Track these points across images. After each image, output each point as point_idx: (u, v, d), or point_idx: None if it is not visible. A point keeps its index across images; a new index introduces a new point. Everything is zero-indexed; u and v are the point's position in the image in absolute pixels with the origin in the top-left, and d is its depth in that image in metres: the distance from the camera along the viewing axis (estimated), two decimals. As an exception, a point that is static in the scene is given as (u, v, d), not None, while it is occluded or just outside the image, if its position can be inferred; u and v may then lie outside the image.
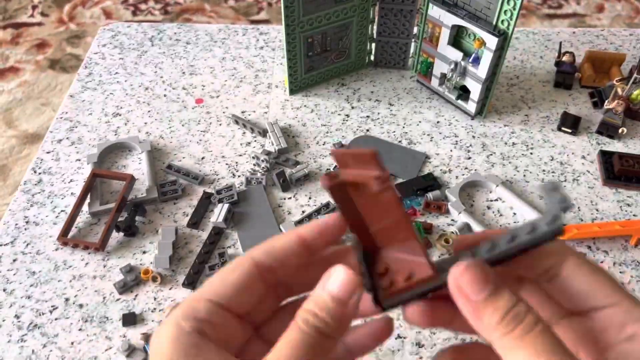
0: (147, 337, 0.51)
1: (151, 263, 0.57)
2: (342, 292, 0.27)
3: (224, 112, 0.75)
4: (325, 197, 0.63)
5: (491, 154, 0.70)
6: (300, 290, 0.34)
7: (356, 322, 0.30)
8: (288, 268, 0.31)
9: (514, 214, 0.63)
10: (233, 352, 0.30)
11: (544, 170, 0.68)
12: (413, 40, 0.79)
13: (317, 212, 0.62)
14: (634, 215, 0.63)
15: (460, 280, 0.27)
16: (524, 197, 0.64)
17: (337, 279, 0.28)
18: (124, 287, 0.55)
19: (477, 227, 0.61)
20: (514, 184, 0.66)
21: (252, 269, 0.30)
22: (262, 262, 0.30)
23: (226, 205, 0.61)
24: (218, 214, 0.60)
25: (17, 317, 0.53)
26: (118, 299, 0.55)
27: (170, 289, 0.56)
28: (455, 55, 0.71)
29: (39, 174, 0.67)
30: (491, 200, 0.65)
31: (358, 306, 0.28)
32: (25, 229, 0.61)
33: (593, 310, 0.28)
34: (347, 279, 0.27)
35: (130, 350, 0.50)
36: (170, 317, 0.29)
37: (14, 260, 0.58)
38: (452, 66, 0.71)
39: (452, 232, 0.60)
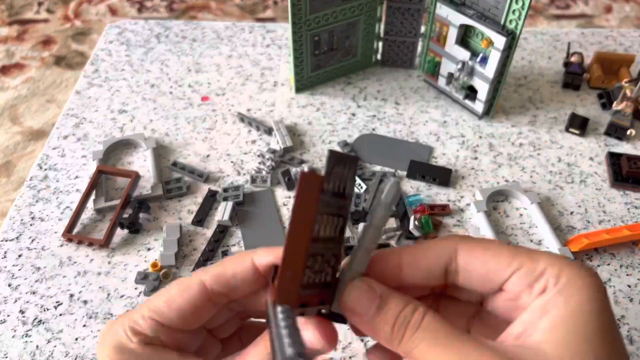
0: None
1: (155, 260, 0.57)
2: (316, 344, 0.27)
3: (229, 110, 0.75)
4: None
5: (498, 155, 0.69)
6: (256, 315, 0.34)
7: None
8: (240, 293, 0.30)
9: (533, 233, 0.62)
10: (190, 354, 0.30)
11: (551, 172, 0.68)
12: (420, 39, 0.78)
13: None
14: (642, 217, 0.63)
15: (349, 302, 0.27)
16: (554, 221, 0.62)
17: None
18: (154, 291, 0.55)
19: (487, 233, 0.60)
20: (550, 206, 0.63)
21: (200, 294, 0.29)
22: (212, 288, 0.30)
23: (230, 203, 0.61)
24: (223, 211, 0.60)
25: (21, 312, 0.53)
26: (122, 296, 0.54)
27: (174, 287, 0.55)
28: (463, 54, 0.70)
29: (45, 170, 0.67)
30: (517, 209, 0.64)
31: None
32: (31, 225, 0.61)
33: (502, 285, 0.28)
34: (318, 336, 0.27)
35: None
36: (111, 331, 0.29)
37: (19, 256, 0.58)
38: (460, 66, 0.71)
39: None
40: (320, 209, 0.26)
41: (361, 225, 0.60)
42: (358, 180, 0.65)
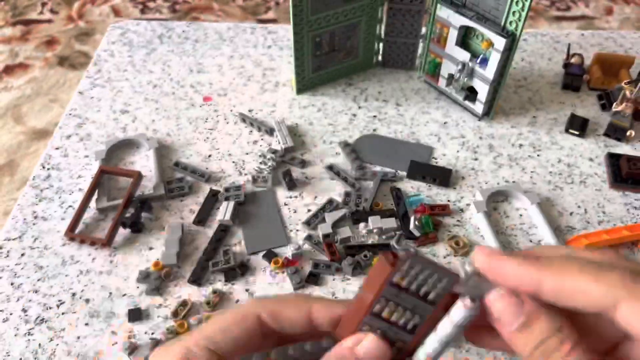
0: (154, 344, 0.51)
1: (157, 259, 0.58)
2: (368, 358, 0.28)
3: (231, 110, 0.76)
4: (327, 195, 0.64)
5: (498, 155, 0.70)
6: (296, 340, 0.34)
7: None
8: (291, 332, 0.30)
9: (533, 234, 0.62)
10: None
11: (550, 172, 0.68)
12: (421, 40, 0.79)
13: (322, 209, 0.62)
14: (641, 218, 0.63)
15: (495, 308, 0.26)
16: (554, 221, 0.62)
17: (368, 345, 0.28)
18: (156, 290, 0.55)
19: (487, 233, 0.61)
20: (550, 207, 0.64)
21: (256, 327, 0.30)
22: (268, 325, 0.30)
23: (232, 203, 0.61)
24: (225, 211, 0.60)
25: (24, 310, 0.54)
26: (124, 295, 0.55)
27: (175, 286, 0.56)
28: (463, 56, 0.71)
29: (48, 169, 0.67)
30: (517, 210, 0.65)
31: None
32: (34, 224, 0.61)
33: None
34: (377, 349, 0.28)
35: (132, 348, 0.50)
36: (165, 354, 0.29)
37: (22, 255, 0.58)
38: (460, 67, 0.71)
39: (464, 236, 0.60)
40: (387, 294, 0.28)
41: (362, 225, 0.60)
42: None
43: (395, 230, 0.60)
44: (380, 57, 0.83)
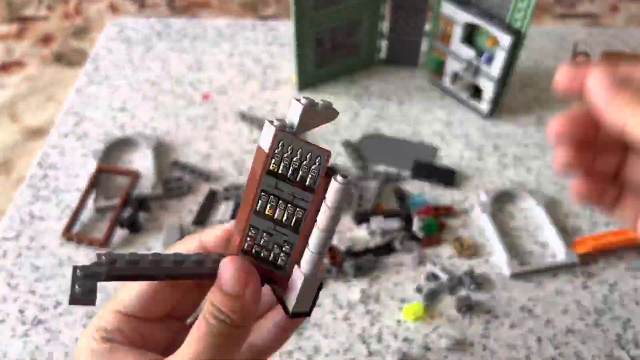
0: None
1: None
2: (234, 288, 0.28)
3: (231, 109, 0.75)
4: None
5: (503, 155, 0.69)
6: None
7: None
8: None
9: (539, 235, 0.61)
10: (159, 351, 0.30)
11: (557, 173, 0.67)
12: (425, 37, 0.78)
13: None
14: (648, 219, 0.62)
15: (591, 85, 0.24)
16: (560, 223, 0.61)
17: (228, 275, 0.28)
18: None
19: (492, 234, 0.60)
20: (556, 208, 0.63)
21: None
22: None
23: (232, 203, 0.60)
24: (224, 211, 0.59)
25: (21, 312, 0.53)
26: (122, 297, 0.54)
27: (175, 287, 0.55)
28: (468, 53, 0.70)
29: (45, 168, 0.66)
30: (523, 211, 0.64)
31: (257, 297, 0.28)
32: (30, 224, 0.60)
33: None
34: (237, 274, 0.28)
35: None
36: (85, 330, 0.30)
37: (19, 255, 0.57)
38: (465, 65, 0.70)
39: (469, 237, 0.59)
40: (264, 186, 0.28)
41: (363, 226, 0.59)
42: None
43: (398, 230, 0.59)
44: (383, 55, 0.81)
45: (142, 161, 0.67)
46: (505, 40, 0.64)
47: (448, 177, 0.64)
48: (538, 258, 0.58)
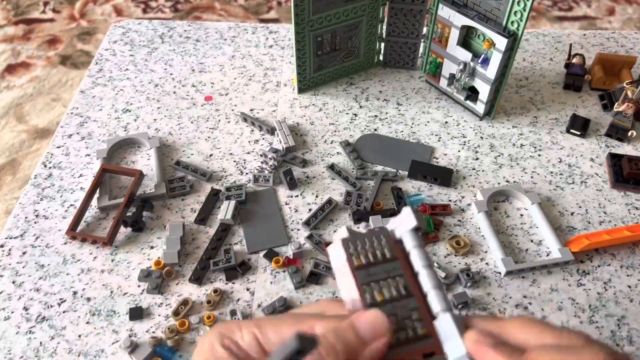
0: (156, 342, 0.51)
1: (158, 258, 0.58)
2: (366, 333, 0.29)
3: (232, 110, 0.76)
4: (328, 194, 0.64)
5: (499, 155, 0.70)
6: None
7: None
8: None
9: (534, 233, 0.62)
10: None
11: (552, 172, 0.68)
12: (422, 40, 0.79)
13: (322, 209, 0.62)
14: (642, 218, 0.63)
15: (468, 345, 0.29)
16: (555, 221, 0.62)
17: (370, 321, 0.29)
18: (157, 289, 0.55)
19: (488, 233, 0.61)
20: (551, 207, 0.64)
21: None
22: (322, 335, 0.30)
23: (233, 202, 0.61)
24: (226, 210, 0.60)
25: (25, 309, 0.54)
26: (125, 293, 0.55)
27: (177, 284, 0.56)
28: (465, 55, 0.71)
29: (49, 168, 0.68)
30: (518, 210, 0.65)
31: (378, 354, 0.29)
32: (35, 223, 0.61)
33: None
34: (376, 321, 0.29)
35: (134, 347, 0.50)
36: (217, 332, 0.31)
37: (24, 253, 0.59)
38: (461, 67, 0.71)
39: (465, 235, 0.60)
40: (361, 280, 0.31)
41: (362, 225, 0.60)
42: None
43: None
44: (381, 57, 0.83)
45: (145, 161, 0.69)
46: (501, 42, 0.65)
47: (445, 177, 0.65)
48: (533, 256, 0.59)
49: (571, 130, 0.73)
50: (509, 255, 0.58)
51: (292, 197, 0.64)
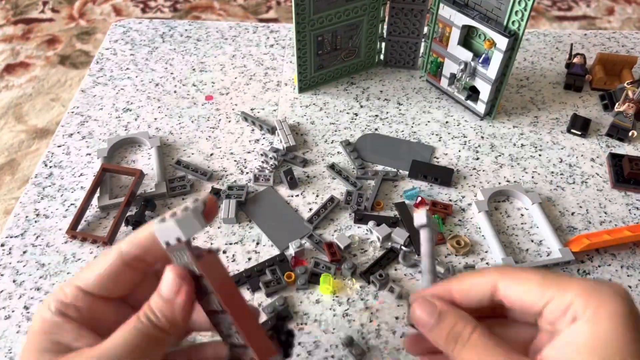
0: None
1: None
2: (168, 292, 0.31)
3: (233, 109, 0.76)
4: (328, 194, 0.64)
5: (500, 155, 0.70)
6: None
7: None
8: (155, 255, 0.33)
9: (534, 233, 0.62)
10: (103, 331, 0.32)
11: (552, 172, 0.68)
12: (423, 40, 0.79)
13: (324, 207, 0.62)
14: (643, 218, 0.63)
15: (415, 315, 0.33)
16: (555, 221, 0.62)
17: (165, 281, 0.31)
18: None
19: (488, 233, 0.61)
20: (552, 207, 0.64)
21: (117, 258, 0.33)
22: (127, 250, 0.33)
23: (234, 201, 0.61)
24: (227, 209, 0.60)
25: (26, 308, 0.54)
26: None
27: (177, 284, 0.56)
28: (465, 55, 0.71)
29: (50, 167, 0.67)
30: (518, 210, 0.65)
31: (187, 307, 0.31)
32: (36, 222, 0.61)
33: (539, 315, 0.31)
34: (172, 281, 0.31)
35: None
36: (45, 298, 0.33)
37: (24, 252, 0.58)
38: (462, 66, 0.71)
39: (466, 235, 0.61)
40: (203, 290, 0.32)
41: (365, 225, 0.60)
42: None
43: (403, 245, 0.58)
44: (382, 57, 0.83)
45: (145, 160, 0.69)
46: (502, 42, 0.65)
47: (445, 177, 0.65)
48: (533, 256, 0.59)
49: (572, 130, 0.73)
50: (509, 255, 0.58)
51: (292, 196, 0.64)
